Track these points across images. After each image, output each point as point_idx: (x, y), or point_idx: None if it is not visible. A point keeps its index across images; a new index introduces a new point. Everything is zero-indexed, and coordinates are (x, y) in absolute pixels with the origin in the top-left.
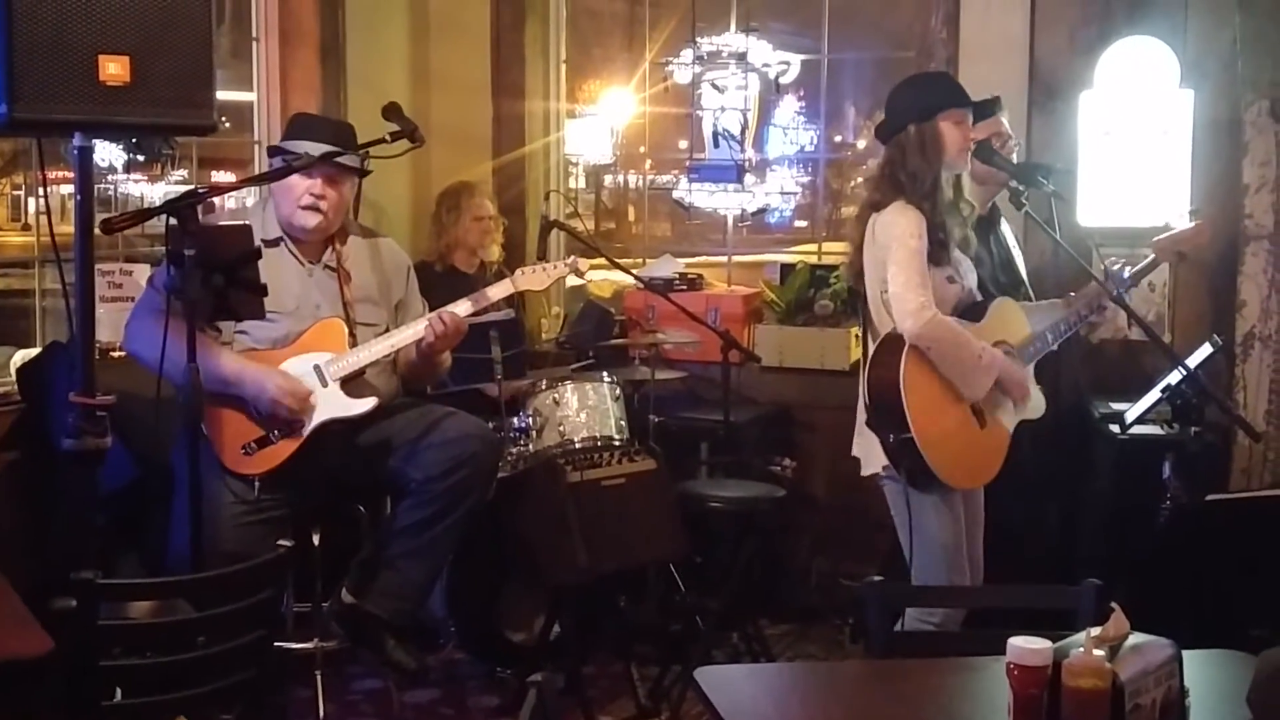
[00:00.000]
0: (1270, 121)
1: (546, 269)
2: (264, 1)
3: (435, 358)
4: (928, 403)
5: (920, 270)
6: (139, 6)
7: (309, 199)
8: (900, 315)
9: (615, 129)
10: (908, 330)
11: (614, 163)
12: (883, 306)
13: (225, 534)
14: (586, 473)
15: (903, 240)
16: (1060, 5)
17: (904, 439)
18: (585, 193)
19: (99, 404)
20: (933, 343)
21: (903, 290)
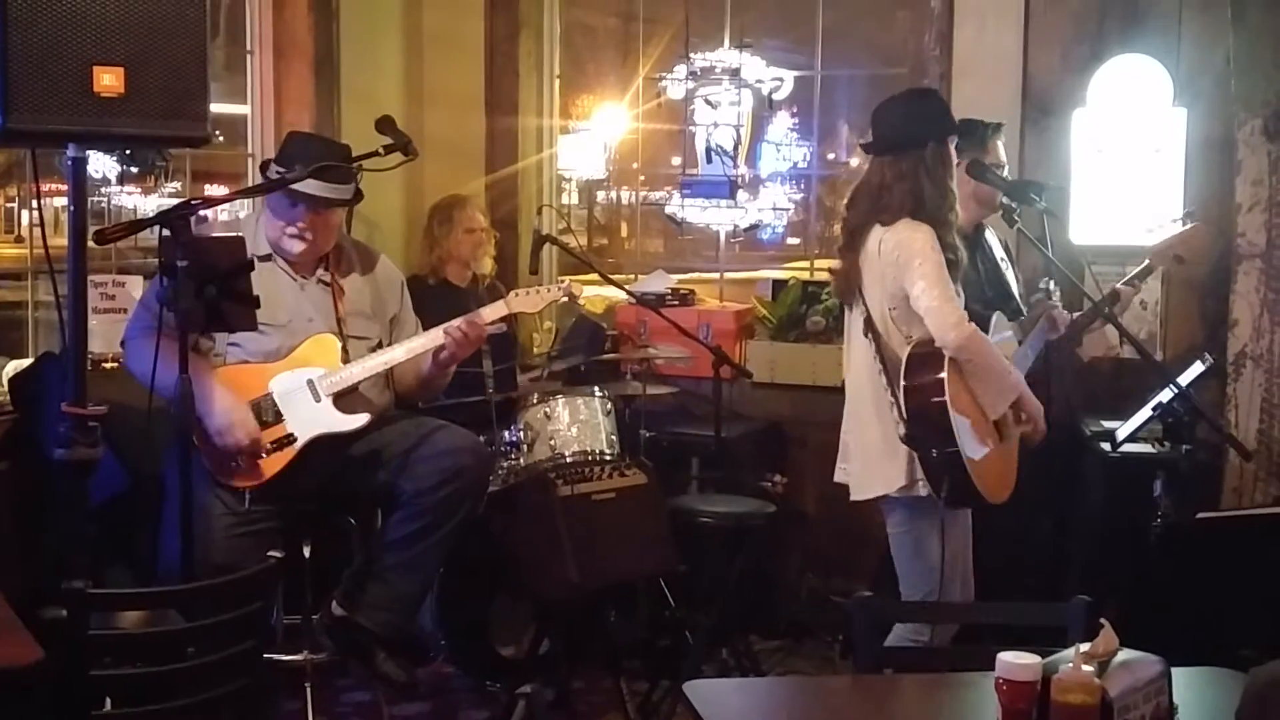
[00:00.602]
0: (1263, 140)
1: (540, 292)
2: (259, 15)
3: (449, 367)
4: (964, 417)
5: (949, 283)
6: (134, 18)
7: (294, 230)
8: (941, 328)
9: (608, 144)
10: (950, 342)
11: (607, 178)
12: (891, 322)
13: (216, 545)
14: (577, 487)
15: (926, 254)
16: (1053, 23)
17: (949, 453)
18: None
19: (90, 414)
20: (973, 355)
21: (940, 304)
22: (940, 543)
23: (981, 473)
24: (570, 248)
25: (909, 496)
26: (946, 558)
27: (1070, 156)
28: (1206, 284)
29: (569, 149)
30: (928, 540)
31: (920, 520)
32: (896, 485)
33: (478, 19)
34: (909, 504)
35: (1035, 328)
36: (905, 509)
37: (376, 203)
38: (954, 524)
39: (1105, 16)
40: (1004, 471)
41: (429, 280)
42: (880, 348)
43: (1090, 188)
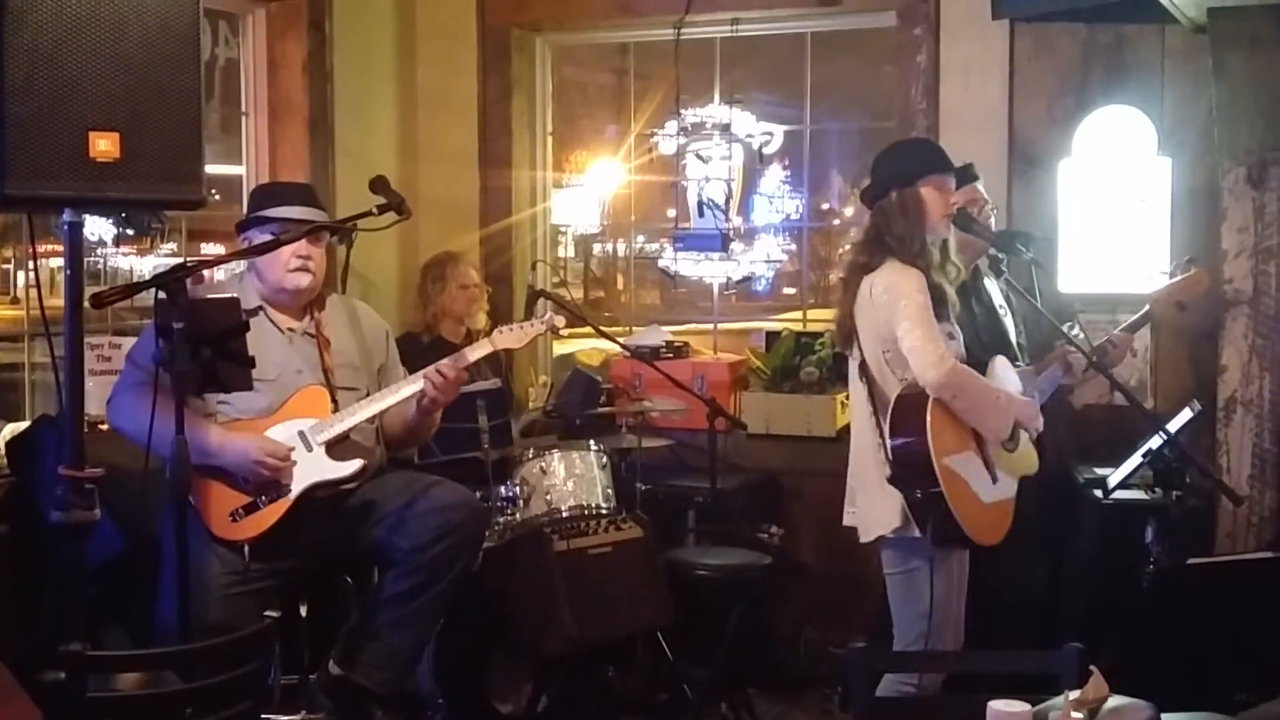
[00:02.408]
0: (1247, 188)
1: (524, 327)
2: (253, 77)
3: (432, 414)
4: (950, 457)
5: (933, 323)
6: (130, 84)
7: (298, 261)
8: (921, 367)
9: (603, 199)
10: (931, 380)
11: (602, 231)
12: (885, 366)
13: (213, 605)
14: (573, 541)
15: (910, 296)
16: (1038, 76)
17: (933, 493)
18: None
19: (87, 476)
20: (957, 390)
21: (920, 343)
22: (942, 584)
23: (968, 513)
24: (564, 301)
25: (903, 538)
26: (940, 601)
27: (1057, 206)
28: (1196, 330)
29: (564, 203)
30: (921, 583)
31: (914, 562)
32: (891, 526)
33: (471, 78)
34: (903, 545)
35: (1047, 371)
36: (900, 550)
37: (371, 259)
38: (946, 568)
39: (1089, 68)
40: (996, 516)
41: (423, 338)
42: (873, 391)
43: (1078, 237)
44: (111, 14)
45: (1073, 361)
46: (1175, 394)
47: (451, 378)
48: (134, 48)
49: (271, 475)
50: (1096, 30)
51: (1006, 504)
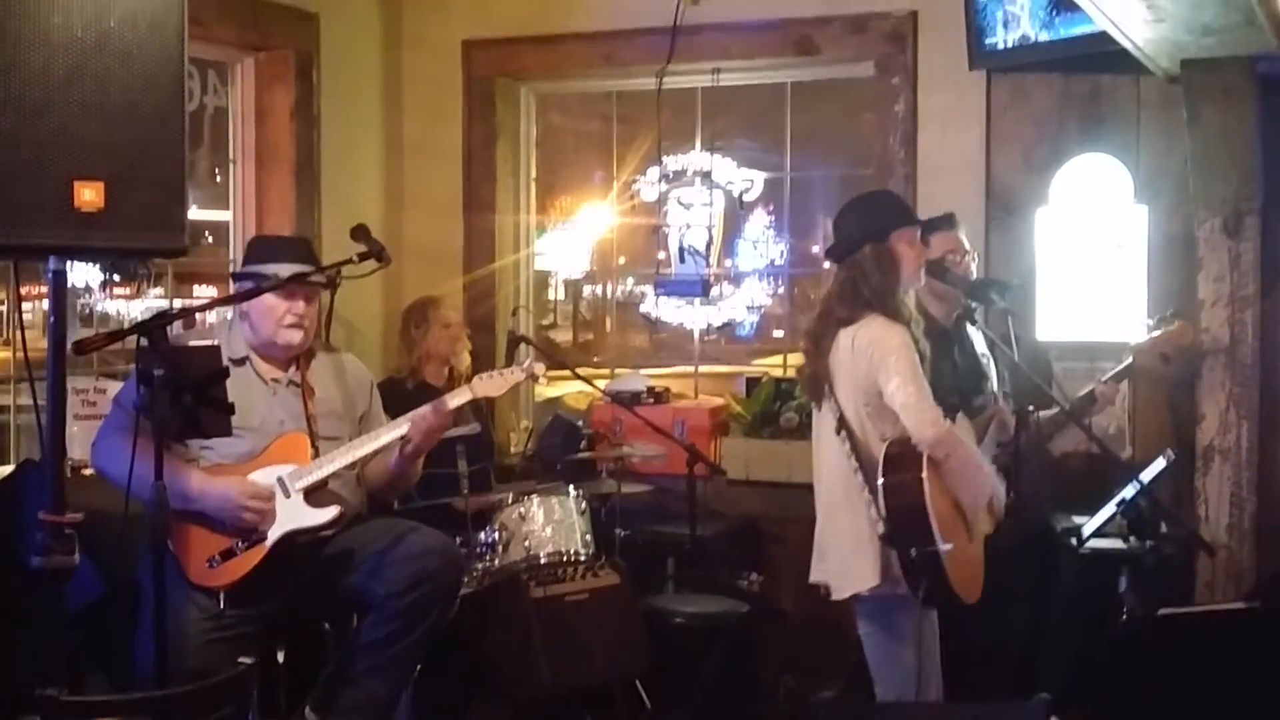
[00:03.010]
0: (1223, 238)
1: (504, 374)
2: (241, 124)
3: (415, 460)
4: (944, 516)
5: (924, 380)
6: (115, 135)
7: (292, 318)
8: (918, 425)
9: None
10: (928, 439)
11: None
12: (865, 420)
13: (191, 651)
14: (550, 588)
15: (900, 353)
16: (1015, 125)
17: (929, 553)
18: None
19: (67, 522)
20: (950, 450)
21: (916, 401)
22: (915, 643)
23: (959, 572)
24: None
25: (881, 595)
26: (924, 657)
27: (1035, 254)
28: (1174, 379)
29: (552, 246)
30: (902, 641)
31: (893, 620)
32: (869, 584)
33: (456, 126)
34: (882, 603)
35: (988, 432)
36: (878, 608)
37: (355, 305)
38: (931, 622)
39: (1065, 117)
40: (975, 572)
41: (407, 384)
42: (855, 446)
43: (1055, 285)
44: (99, 67)
45: (1005, 421)
46: (1153, 443)
47: (435, 423)
48: (120, 100)
49: (255, 518)
50: (1072, 80)
51: (980, 561)
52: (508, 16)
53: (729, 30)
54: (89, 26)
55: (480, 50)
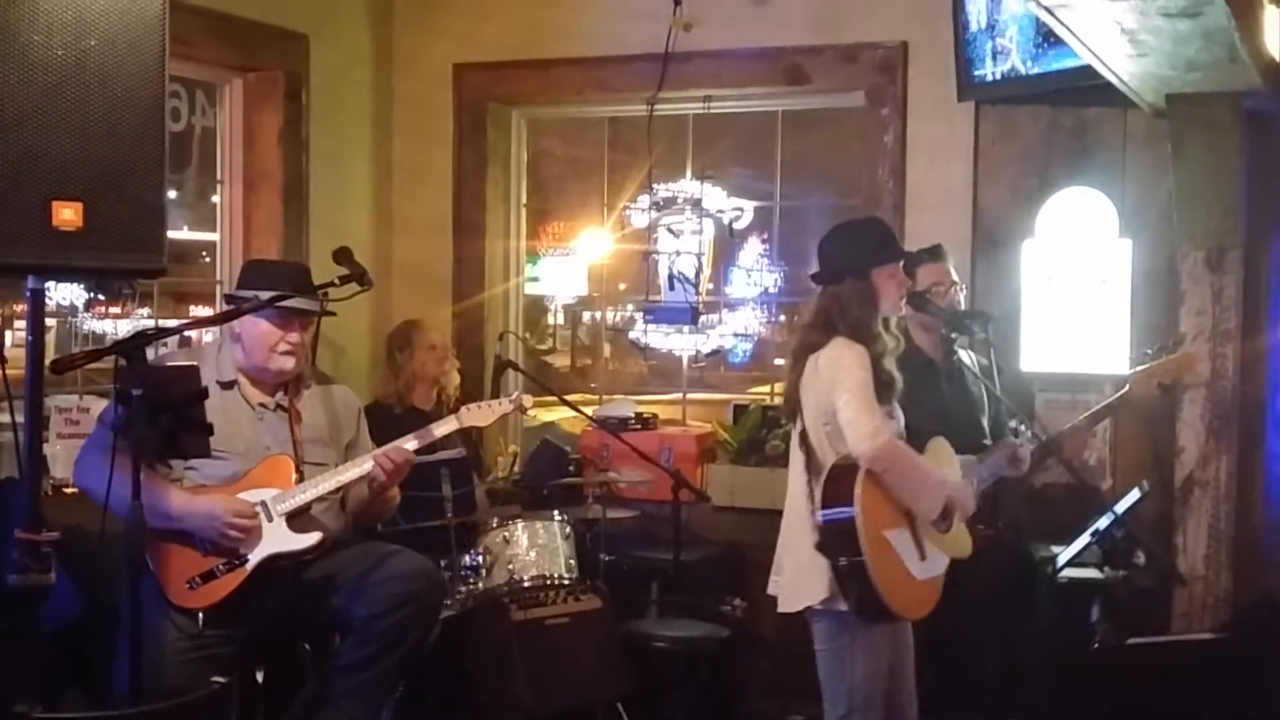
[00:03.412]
0: (1206, 271)
1: (492, 405)
2: (229, 145)
3: (384, 494)
4: (879, 528)
5: (871, 397)
6: (94, 154)
7: (286, 346)
8: (856, 439)
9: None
10: (864, 453)
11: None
12: (825, 440)
13: (169, 670)
14: (531, 611)
15: (850, 370)
16: (1002, 157)
17: (856, 562)
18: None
19: (44, 540)
20: (889, 464)
21: (856, 415)
22: (868, 659)
23: (897, 588)
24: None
25: (831, 610)
26: (865, 677)
27: (1020, 286)
28: (1154, 412)
29: (549, 272)
30: (849, 657)
31: (842, 636)
32: (819, 597)
33: (446, 150)
34: (831, 618)
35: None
36: (828, 623)
37: (344, 328)
38: (872, 646)
39: (1052, 151)
40: (921, 593)
41: (395, 409)
42: (810, 461)
43: (1040, 317)
44: (79, 86)
45: (1021, 456)
46: (1134, 474)
47: (399, 463)
48: (99, 120)
49: (238, 536)
50: (1060, 113)
51: (934, 582)
52: (500, 41)
53: (720, 58)
54: (69, 46)
55: (471, 74)
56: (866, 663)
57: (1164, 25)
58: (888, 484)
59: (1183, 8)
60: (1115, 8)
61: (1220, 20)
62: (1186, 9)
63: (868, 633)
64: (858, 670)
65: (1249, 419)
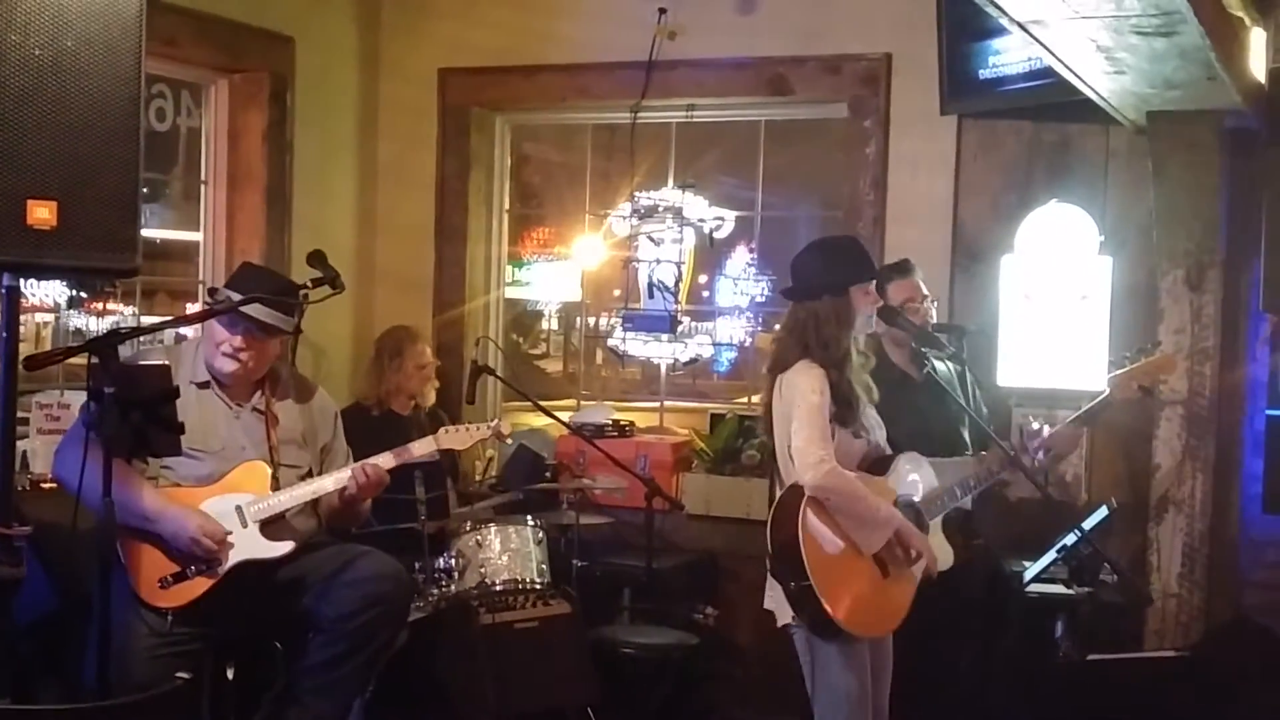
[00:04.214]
0: (1185, 290)
1: (470, 430)
2: (214, 146)
3: (356, 505)
4: (827, 551)
5: (821, 425)
6: (67, 155)
7: (229, 349)
8: (802, 468)
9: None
10: (807, 482)
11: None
12: (787, 458)
13: (137, 666)
14: (500, 615)
15: (805, 396)
16: (984, 172)
17: (804, 586)
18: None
19: (15, 534)
20: (832, 494)
21: (804, 444)
22: (843, 671)
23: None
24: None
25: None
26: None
27: (999, 301)
28: (1130, 429)
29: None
30: (831, 670)
31: (819, 650)
32: (791, 614)
33: (430, 154)
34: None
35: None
36: (802, 636)
37: (325, 329)
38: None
39: (1034, 166)
40: (876, 607)
41: (373, 411)
42: (778, 483)
43: (1018, 332)
44: (55, 87)
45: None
46: (1109, 491)
47: (373, 479)
48: (75, 119)
49: (203, 555)
50: (1042, 129)
51: (897, 599)
52: (484, 46)
53: (704, 67)
54: (46, 46)
55: (456, 79)
56: (837, 674)
57: (1139, 43)
58: (833, 510)
59: (1157, 26)
60: (1089, 25)
61: (1196, 39)
62: (1161, 28)
63: (840, 645)
64: (834, 681)
65: (1225, 438)
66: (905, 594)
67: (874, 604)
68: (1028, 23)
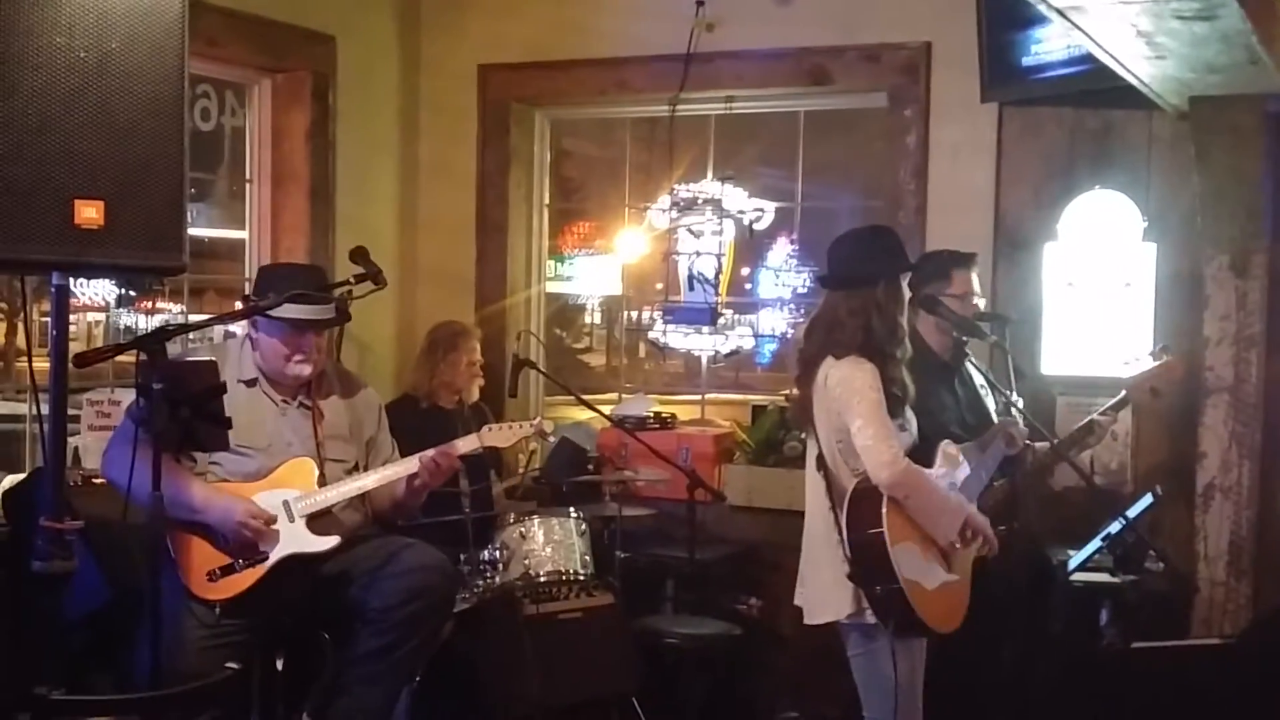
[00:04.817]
0: (1230, 276)
1: (512, 428)
2: (258, 145)
3: (422, 494)
4: (908, 552)
5: (886, 421)
6: (116, 154)
7: (300, 356)
8: (875, 466)
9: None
10: (884, 481)
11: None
12: (838, 455)
13: (189, 657)
14: (544, 606)
15: (863, 393)
16: (1025, 159)
17: (893, 589)
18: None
19: (67, 528)
20: (910, 490)
21: (874, 442)
22: (906, 669)
23: (931, 604)
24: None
25: (859, 623)
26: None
27: (1042, 289)
28: (1176, 416)
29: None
30: (883, 662)
31: (873, 644)
32: (845, 613)
33: (470, 150)
34: (860, 629)
35: (992, 445)
36: (858, 633)
37: (369, 326)
38: (906, 646)
39: (1076, 153)
40: (953, 603)
41: (421, 403)
42: (830, 482)
43: (1061, 320)
44: (101, 88)
45: (1013, 433)
46: (1154, 478)
47: (445, 466)
48: (121, 121)
49: (252, 538)
50: (1084, 115)
51: (963, 588)
52: (523, 42)
53: (743, 58)
54: (91, 48)
55: (495, 75)
56: (904, 661)
57: (1180, 28)
58: (908, 509)
59: (1197, 10)
60: (1129, 11)
61: (1237, 23)
62: (1201, 11)
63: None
64: (897, 677)
65: (1272, 424)
66: (966, 585)
67: (947, 599)
68: (1067, 9)
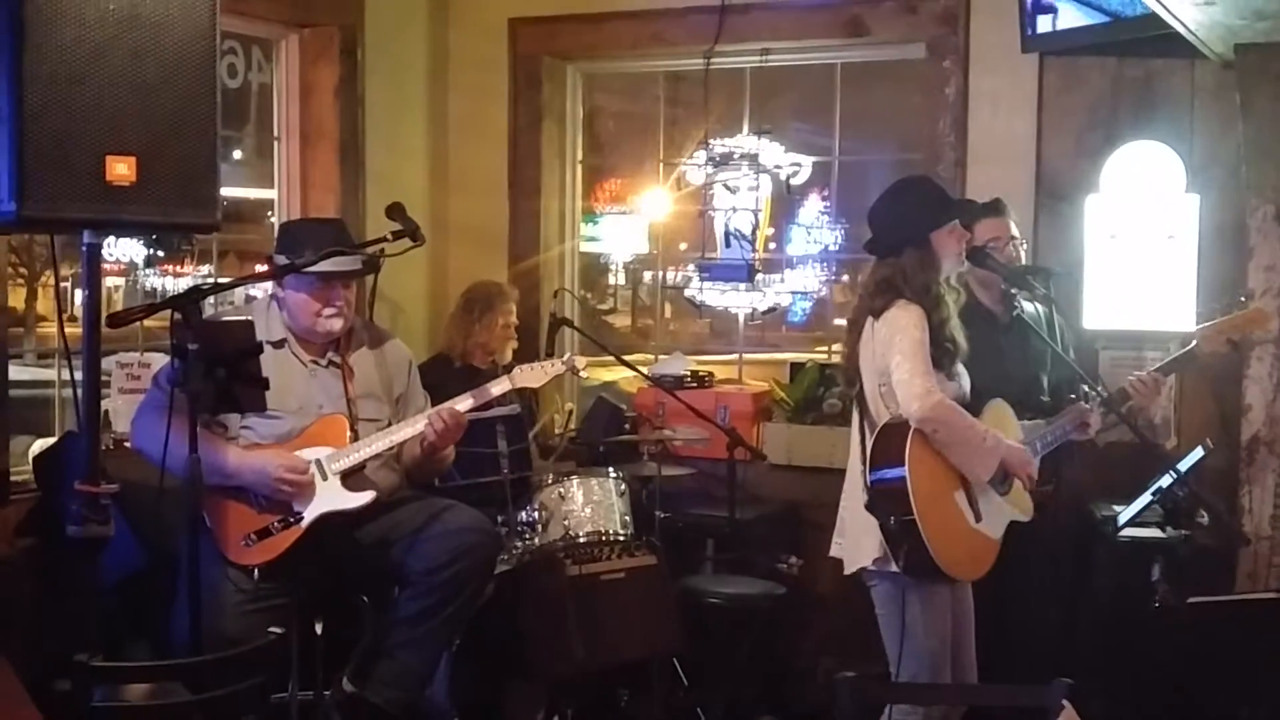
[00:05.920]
0: (1275, 226)
1: (544, 366)
2: (286, 103)
3: (437, 454)
4: (930, 487)
5: (925, 358)
6: (147, 109)
7: (331, 310)
8: (907, 399)
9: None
10: (914, 413)
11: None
12: (880, 399)
13: (227, 622)
14: (586, 567)
15: (907, 331)
16: (1066, 110)
17: (906, 521)
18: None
19: (103, 492)
20: (940, 425)
21: (909, 376)
22: (928, 620)
23: (948, 547)
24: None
25: (886, 571)
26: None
27: (1084, 241)
28: (1220, 370)
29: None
30: (909, 618)
31: (899, 598)
32: (872, 557)
33: (502, 105)
34: (887, 579)
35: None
36: (884, 585)
37: (401, 285)
38: (933, 604)
39: (1118, 103)
40: (975, 552)
41: (455, 363)
42: (865, 421)
43: (1103, 273)
44: (131, 43)
45: (1090, 421)
46: (1200, 433)
47: (450, 424)
48: (152, 75)
49: (291, 490)
50: (1126, 65)
51: (989, 542)
52: None
53: (778, 10)
54: (122, 3)
55: (526, 28)
56: (927, 622)
57: None
58: (938, 444)
59: None
60: None
61: None
62: None
63: (925, 592)
64: (919, 630)
65: None
66: (994, 541)
67: (968, 546)
68: None
